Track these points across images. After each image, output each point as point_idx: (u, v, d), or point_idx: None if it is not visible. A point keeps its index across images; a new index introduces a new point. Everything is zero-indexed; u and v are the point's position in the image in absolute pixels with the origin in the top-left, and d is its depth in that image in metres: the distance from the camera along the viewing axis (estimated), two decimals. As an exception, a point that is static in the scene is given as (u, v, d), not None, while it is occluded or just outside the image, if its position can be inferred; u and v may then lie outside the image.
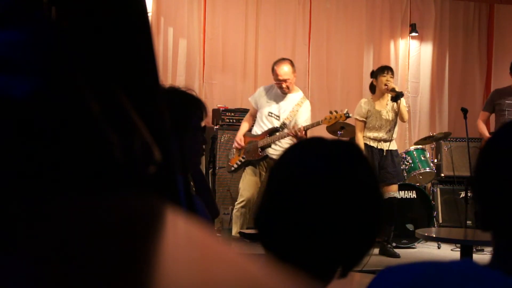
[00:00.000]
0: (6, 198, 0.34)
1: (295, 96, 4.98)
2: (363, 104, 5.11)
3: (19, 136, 0.35)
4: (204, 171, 5.18)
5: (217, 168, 5.39)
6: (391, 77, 4.96)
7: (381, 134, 5.06)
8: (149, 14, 6.07)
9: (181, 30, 6.45)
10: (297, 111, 4.91)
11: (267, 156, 4.87)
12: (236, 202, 5.03)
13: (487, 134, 5.61)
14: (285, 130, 4.86)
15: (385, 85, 4.93)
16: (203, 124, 1.89)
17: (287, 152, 1.08)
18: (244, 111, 5.97)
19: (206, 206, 1.90)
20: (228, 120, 5.92)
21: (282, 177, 1.04)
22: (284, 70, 4.86)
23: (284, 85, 4.86)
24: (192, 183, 2.09)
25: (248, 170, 4.97)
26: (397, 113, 5.02)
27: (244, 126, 5.13)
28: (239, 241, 4.90)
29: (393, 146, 5.12)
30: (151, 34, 0.49)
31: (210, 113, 5.95)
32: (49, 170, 0.36)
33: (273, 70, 4.93)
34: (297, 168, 1.01)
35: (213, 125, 5.84)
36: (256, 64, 6.74)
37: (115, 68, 0.46)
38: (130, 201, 0.39)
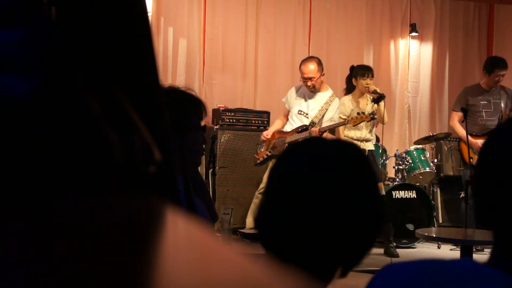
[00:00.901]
0: (6, 198, 0.34)
1: (324, 95, 5.07)
2: (347, 102, 5.12)
3: (19, 136, 0.35)
4: (204, 171, 5.18)
5: (217, 168, 5.39)
6: (370, 79, 5.03)
7: (364, 134, 5.08)
8: (149, 14, 6.07)
9: (181, 30, 6.45)
10: (326, 109, 5.01)
11: None
12: (258, 190, 5.13)
13: (464, 134, 5.41)
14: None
15: (366, 87, 4.98)
16: (203, 124, 1.88)
17: (287, 151, 1.08)
18: (244, 111, 5.97)
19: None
20: (228, 120, 5.91)
21: (282, 177, 1.04)
22: (309, 68, 4.96)
23: (309, 83, 4.95)
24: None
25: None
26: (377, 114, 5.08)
27: (277, 123, 5.26)
28: (239, 241, 4.90)
29: (371, 146, 5.15)
30: (151, 34, 0.49)
31: (210, 113, 5.94)
32: (49, 170, 0.36)
33: (300, 68, 5.06)
34: (297, 168, 1.01)
35: (213, 125, 5.84)
36: (256, 64, 6.74)
37: (115, 68, 0.46)
38: (130, 201, 0.39)
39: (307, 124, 5.02)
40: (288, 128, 5.14)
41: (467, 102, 5.66)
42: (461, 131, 5.58)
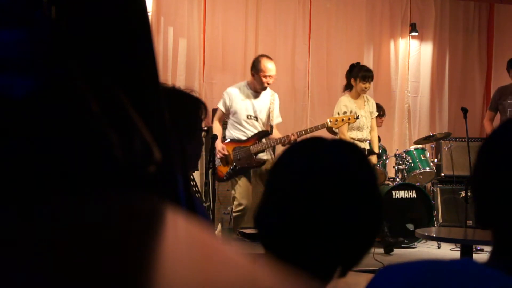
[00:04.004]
0: (6, 197, 0.34)
1: (266, 94, 4.82)
2: (348, 102, 5.11)
3: (19, 136, 0.35)
4: (204, 171, 5.17)
5: (217, 168, 5.38)
6: (370, 83, 5.10)
7: (365, 135, 5.11)
8: (149, 14, 6.06)
9: (181, 30, 6.45)
10: (273, 110, 4.80)
11: (265, 162, 4.72)
12: (234, 208, 4.85)
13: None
14: (275, 135, 4.73)
15: (364, 91, 5.08)
16: (204, 125, 1.88)
17: (287, 151, 1.08)
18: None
19: None
20: (228, 120, 5.91)
21: (282, 177, 1.04)
22: (273, 65, 4.70)
23: (270, 82, 4.70)
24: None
25: (242, 177, 4.78)
26: (371, 115, 5.17)
27: (220, 134, 4.84)
28: (239, 241, 4.90)
29: (367, 145, 5.17)
30: (151, 34, 0.49)
31: (210, 113, 5.94)
32: (49, 170, 0.36)
33: (257, 66, 4.70)
34: (297, 168, 1.01)
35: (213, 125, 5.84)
36: (256, 64, 6.73)
37: (115, 68, 0.46)
38: (130, 200, 0.39)
39: (260, 129, 4.75)
40: (240, 135, 4.79)
41: (497, 101, 5.71)
42: (487, 130, 5.66)
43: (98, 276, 0.23)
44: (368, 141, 5.17)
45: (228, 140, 4.86)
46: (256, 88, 4.76)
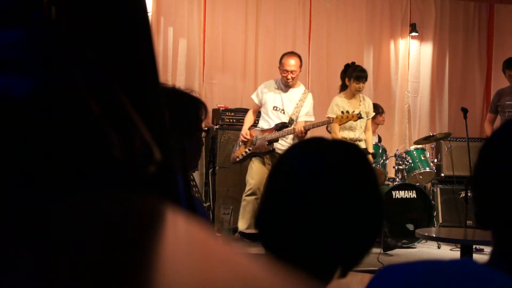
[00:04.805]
0: (6, 197, 0.34)
1: (297, 91, 5.10)
2: (340, 102, 5.14)
3: (19, 136, 0.35)
4: (204, 171, 5.17)
5: (217, 168, 5.39)
6: (363, 83, 5.13)
7: (357, 135, 5.11)
8: (149, 14, 6.06)
9: (181, 30, 6.45)
10: (301, 106, 5.03)
11: (274, 150, 4.96)
12: (244, 193, 5.08)
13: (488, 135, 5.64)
14: (292, 126, 4.95)
15: (358, 91, 5.10)
16: (204, 125, 1.88)
17: (288, 152, 1.08)
18: (245, 111, 5.97)
19: None
20: (228, 120, 5.91)
21: (282, 177, 1.04)
22: (292, 61, 4.99)
23: (289, 77, 4.97)
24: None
25: (255, 160, 5.06)
26: (367, 115, 5.19)
27: (249, 120, 5.24)
28: (239, 241, 4.90)
29: (363, 145, 5.17)
30: (151, 34, 0.49)
31: (210, 113, 5.94)
32: (49, 170, 0.36)
33: (280, 61, 5.06)
34: (297, 168, 1.01)
35: (213, 125, 5.84)
36: (256, 64, 6.74)
37: (115, 68, 0.46)
38: (130, 200, 0.39)
39: (285, 121, 5.03)
40: (264, 125, 5.13)
41: (496, 103, 5.76)
42: (487, 132, 5.70)
43: (98, 276, 0.23)
44: (362, 141, 5.17)
45: (254, 128, 5.18)
46: (283, 83, 5.06)
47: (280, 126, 5.01)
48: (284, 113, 5.05)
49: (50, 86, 0.37)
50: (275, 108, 5.07)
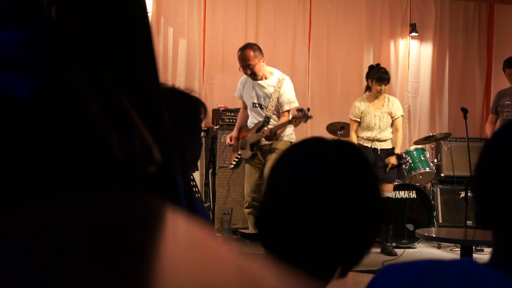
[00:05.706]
0: (6, 197, 0.34)
1: (271, 81, 4.76)
2: (357, 104, 5.25)
3: (19, 136, 0.35)
4: (204, 171, 5.18)
5: (217, 168, 5.39)
6: (385, 86, 5.16)
7: (374, 134, 5.14)
8: (149, 14, 6.07)
9: (181, 30, 6.44)
10: (276, 98, 4.71)
11: (255, 155, 4.82)
12: (244, 206, 5.01)
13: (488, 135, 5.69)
14: (272, 121, 4.77)
15: (379, 93, 5.12)
16: (204, 125, 1.88)
17: (287, 152, 1.08)
18: (245, 111, 5.98)
19: None
20: (228, 120, 5.91)
21: (281, 177, 1.04)
22: (244, 56, 4.68)
23: (248, 71, 4.69)
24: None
25: (247, 166, 4.97)
26: (392, 115, 5.23)
27: (240, 121, 5.09)
28: (239, 241, 4.90)
29: (388, 145, 5.19)
30: (151, 34, 0.49)
31: (210, 113, 5.94)
32: (49, 170, 0.36)
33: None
34: (297, 168, 1.01)
35: (213, 125, 5.84)
36: (256, 64, 6.73)
37: (115, 68, 0.46)
38: (130, 201, 0.39)
39: (261, 120, 4.80)
40: (250, 123, 4.93)
41: (496, 104, 5.78)
42: (488, 132, 5.74)
43: (98, 276, 0.23)
44: (383, 141, 5.20)
45: (245, 127, 5.01)
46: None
47: (260, 126, 4.80)
48: (262, 108, 4.79)
49: (50, 86, 0.37)
50: (254, 105, 4.84)
